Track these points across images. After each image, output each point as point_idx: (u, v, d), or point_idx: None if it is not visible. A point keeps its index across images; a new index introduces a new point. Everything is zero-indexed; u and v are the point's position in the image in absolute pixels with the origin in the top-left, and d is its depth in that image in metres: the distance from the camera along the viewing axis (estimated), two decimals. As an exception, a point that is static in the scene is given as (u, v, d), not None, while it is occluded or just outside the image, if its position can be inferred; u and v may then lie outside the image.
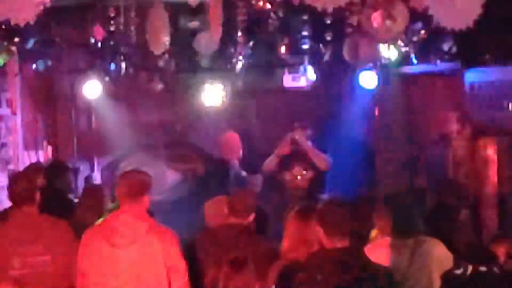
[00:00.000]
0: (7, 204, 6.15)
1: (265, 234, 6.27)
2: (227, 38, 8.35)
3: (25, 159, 9.45)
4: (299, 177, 8.92)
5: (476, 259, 5.30)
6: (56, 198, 7.07)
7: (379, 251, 5.51)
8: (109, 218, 5.58)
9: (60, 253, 5.59)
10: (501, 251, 5.48)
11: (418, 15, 7.12)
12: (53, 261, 5.56)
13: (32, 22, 5.67)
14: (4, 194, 6.21)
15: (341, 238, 4.71)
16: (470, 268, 5.23)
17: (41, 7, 5.52)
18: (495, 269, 5.17)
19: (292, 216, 5.39)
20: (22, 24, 6.60)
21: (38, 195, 5.73)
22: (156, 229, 5.46)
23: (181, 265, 5.44)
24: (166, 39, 7.10)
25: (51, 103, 10.18)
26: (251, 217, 6.02)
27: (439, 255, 5.53)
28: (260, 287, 4.97)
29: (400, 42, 8.64)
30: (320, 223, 4.79)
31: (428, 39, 8.42)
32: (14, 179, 5.96)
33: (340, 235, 4.71)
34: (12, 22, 5.75)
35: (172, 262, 5.40)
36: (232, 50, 8.86)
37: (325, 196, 8.13)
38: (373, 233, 6.02)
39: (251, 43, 8.70)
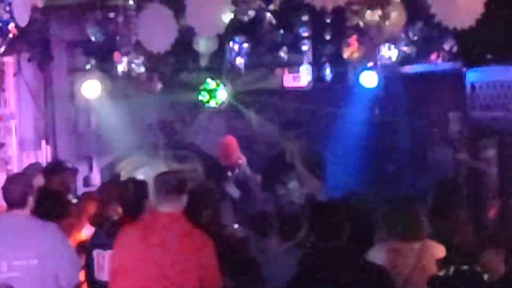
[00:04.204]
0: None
1: None
2: (227, 38, 8.34)
3: (24, 159, 9.42)
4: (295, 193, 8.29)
5: (459, 260, 5.28)
6: (55, 198, 7.03)
7: (383, 254, 5.48)
8: (146, 217, 5.54)
9: (48, 257, 5.54)
10: (498, 257, 5.43)
11: (419, 15, 7.12)
12: (41, 265, 5.52)
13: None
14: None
15: (336, 239, 4.68)
16: (452, 268, 5.22)
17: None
18: (477, 268, 5.15)
19: None
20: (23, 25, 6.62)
21: (31, 199, 5.69)
22: (193, 232, 5.41)
23: (215, 272, 5.37)
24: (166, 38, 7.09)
25: (50, 103, 10.14)
26: None
27: None
28: None
29: (400, 42, 8.64)
30: (313, 225, 4.77)
31: (429, 38, 8.40)
32: (9, 181, 5.91)
33: (334, 236, 4.68)
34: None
35: (205, 268, 5.32)
36: (232, 50, 8.85)
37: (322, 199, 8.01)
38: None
39: (251, 43, 8.69)
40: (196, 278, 5.28)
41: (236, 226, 7.07)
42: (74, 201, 7.72)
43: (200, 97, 10.21)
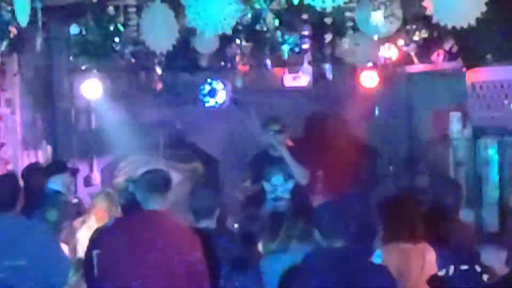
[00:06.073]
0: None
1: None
2: (227, 38, 8.34)
3: (24, 159, 9.42)
4: (279, 188, 8.02)
5: (459, 259, 5.30)
6: (55, 198, 7.05)
7: (395, 255, 5.49)
8: (132, 215, 5.56)
9: (38, 258, 5.52)
10: (498, 257, 5.44)
11: (419, 14, 7.11)
12: (31, 265, 5.50)
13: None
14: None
15: (338, 238, 4.68)
16: (452, 268, 5.24)
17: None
18: (477, 268, 5.17)
19: None
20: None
21: (20, 199, 5.66)
22: (180, 228, 5.45)
23: (202, 266, 5.38)
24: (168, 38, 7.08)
25: (50, 102, 10.16)
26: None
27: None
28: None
29: (400, 42, 8.65)
30: (316, 225, 4.76)
31: (429, 38, 8.41)
32: None
33: (337, 235, 4.68)
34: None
35: (193, 263, 5.35)
36: (232, 50, 8.85)
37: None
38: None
39: (251, 43, 8.69)
40: (185, 275, 5.29)
41: (236, 225, 7.05)
42: (75, 201, 7.73)
43: (200, 97, 10.22)
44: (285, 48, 8.83)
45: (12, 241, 5.52)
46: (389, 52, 8.84)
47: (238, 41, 8.70)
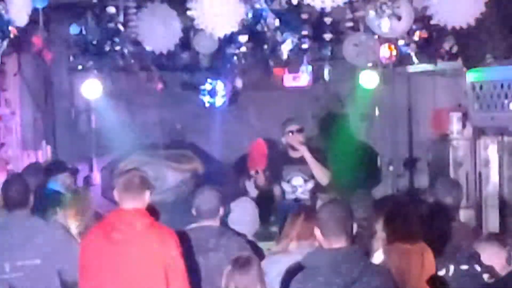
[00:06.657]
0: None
1: None
2: (227, 38, 8.34)
3: (24, 159, 9.42)
4: (299, 189, 8.09)
5: (459, 259, 5.30)
6: (55, 198, 7.04)
7: (395, 256, 5.50)
8: (109, 215, 5.59)
9: (51, 256, 5.56)
10: (498, 257, 5.43)
11: (419, 14, 7.12)
12: (44, 264, 5.53)
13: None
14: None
15: (339, 239, 4.68)
16: (452, 268, 5.24)
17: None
18: (477, 267, 5.16)
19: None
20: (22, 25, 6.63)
21: (31, 199, 5.70)
22: (155, 227, 5.46)
23: (179, 265, 5.41)
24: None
25: (50, 102, 10.16)
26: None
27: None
28: None
29: (400, 42, 8.65)
30: (318, 224, 4.76)
31: (429, 38, 8.42)
32: (9, 182, 5.92)
33: (338, 236, 4.68)
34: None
35: (170, 261, 5.37)
36: (232, 49, 8.85)
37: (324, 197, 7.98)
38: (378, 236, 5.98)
39: (251, 43, 8.69)
40: (161, 273, 5.32)
41: None
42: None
43: (200, 97, 10.22)
44: (285, 48, 8.83)
45: (26, 240, 5.55)
46: (389, 52, 8.83)
47: (238, 41, 8.71)
